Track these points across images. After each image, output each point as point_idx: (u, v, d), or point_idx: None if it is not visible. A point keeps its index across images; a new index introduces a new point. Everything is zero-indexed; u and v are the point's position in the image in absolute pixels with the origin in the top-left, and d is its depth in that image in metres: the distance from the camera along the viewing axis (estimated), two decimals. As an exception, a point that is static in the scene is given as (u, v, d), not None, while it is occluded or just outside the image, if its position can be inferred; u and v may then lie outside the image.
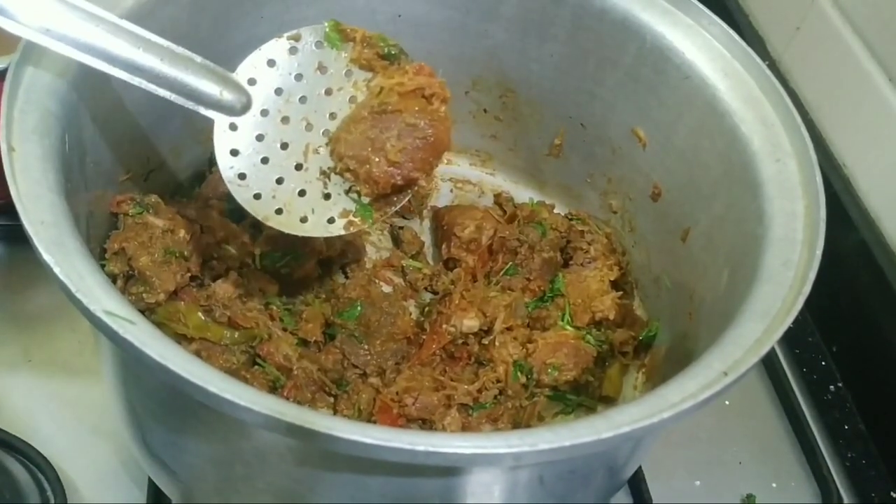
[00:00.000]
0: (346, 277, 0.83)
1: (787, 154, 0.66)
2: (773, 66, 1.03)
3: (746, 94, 0.70)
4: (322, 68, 0.66)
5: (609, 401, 0.78)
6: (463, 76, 0.88)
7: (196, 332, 0.70)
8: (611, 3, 0.76)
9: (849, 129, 0.93)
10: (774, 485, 0.83)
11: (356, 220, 0.68)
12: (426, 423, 0.72)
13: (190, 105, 0.61)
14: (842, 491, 0.82)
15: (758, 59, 0.71)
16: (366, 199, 0.68)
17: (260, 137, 0.65)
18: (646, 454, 0.74)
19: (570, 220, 0.90)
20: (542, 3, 0.79)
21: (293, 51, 0.65)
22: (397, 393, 0.73)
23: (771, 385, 0.89)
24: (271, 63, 0.65)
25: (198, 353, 0.69)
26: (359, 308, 0.78)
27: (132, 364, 0.58)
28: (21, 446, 0.73)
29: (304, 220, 0.66)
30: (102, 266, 0.67)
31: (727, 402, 0.87)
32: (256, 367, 0.71)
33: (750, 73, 0.71)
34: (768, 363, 0.90)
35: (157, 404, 0.61)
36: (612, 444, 0.48)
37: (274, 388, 0.71)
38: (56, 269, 0.49)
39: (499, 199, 0.93)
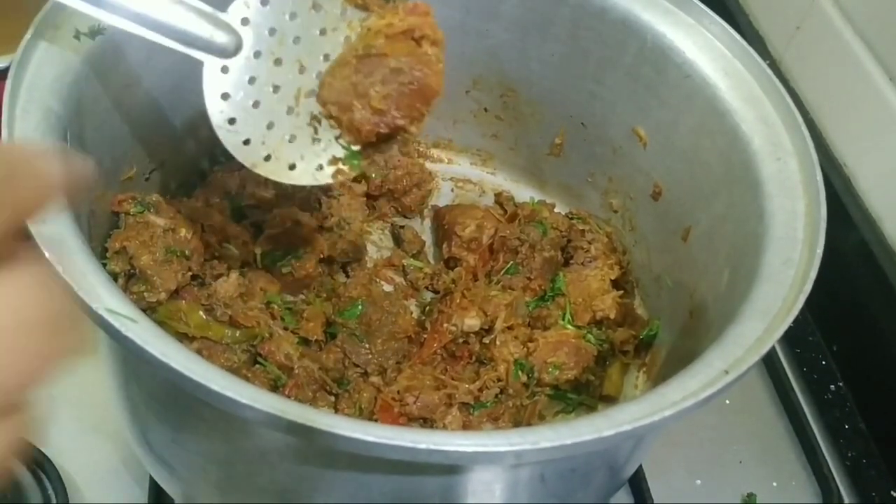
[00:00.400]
0: (347, 276, 0.83)
1: (788, 153, 0.67)
2: (774, 66, 1.03)
3: (747, 93, 0.70)
4: (316, 6, 0.63)
5: (610, 400, 0.78)
6: (464, 76, 0.88)
7: (197, 331, 0.70)
8: (611, 2, 0.76)
9: (849, 129, 0.93)
10: (775, 484, 0.83)
11: (344, 167, 0.65)
12: (427, 422, 0.73)
13: (180, 48, 0.59)
14: (842, 490, 0.82)
15: (758, 59, 0.71)
16: (355, 147, 0.65)
17: (252, 80, 0.62)
18: (646, 453, 0.74)
19: (571, 219, 0.90)
20: (542, 2, 0.79)
21: None
22: (398, 392, 0.73)
23: (771, 384, 0.90)
24: (264, 2, 0.61)
25: (199, 352, 0.69)
26: (360, 307, 0.78)
27: (134, 362, 0.58)
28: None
29: (292, 167, 0.64)
30: (104, 265, 0.68)
31: (728, 402, 0.87)
32: (258, 366, 0.71)
33: (750, 73, 0.71)
34: (769, 362, 0.90)
35: (159, 403, 0.61)
36: (613, 442, 0.48)
37: (275, 387, 0.71)
38: (58, 268, 0.49)
39: (500, 199, 0.93)
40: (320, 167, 0.65)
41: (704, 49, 0.73)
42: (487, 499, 0.58)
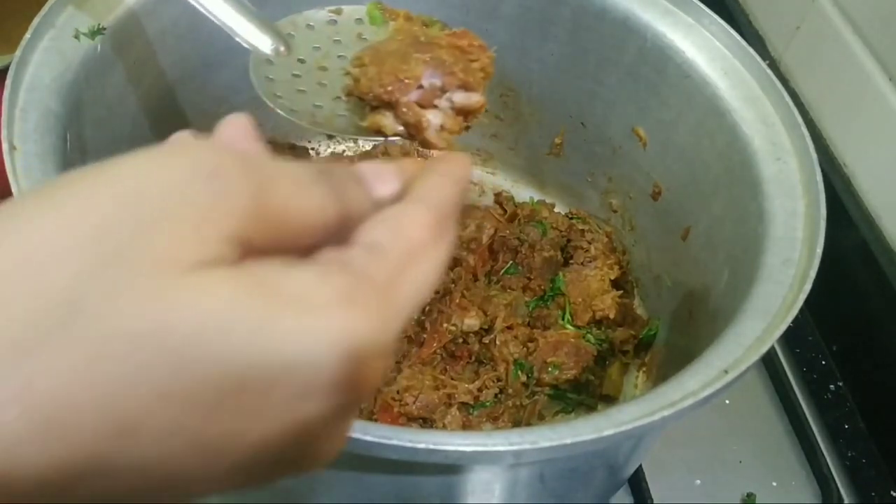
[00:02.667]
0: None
1: (788, 153, 0.67)
2: (774, 66, 1.03)
3: (747, 93, 0.70)
4: (362, 38, 0.64)
5: (609, 400, 0.78)
6: (463, 75, 0.88)
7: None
8: (611, 2, 0.76)
9: (849, 129, 0.93)
10: (775, 484, 0.83)
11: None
12: (427, 422, 0.73)
13: (231, 31, 0.60)
14: (842, 490, 0.82)
15: (758, 59, 0.71)
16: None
17: (296, 76, 0.63)
18: (646, 453, 0.74)
19: (571, 219, 0.90)
20: (542, 2, 0.79)
21: (332, 22, 0.64)
22: (398, 392, 0.73)
23: (771, 384, 0.89)
24: (310, 27, 0.63)
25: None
26: None
27: (133, 362, 0.58)
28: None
29: (346, 130, 0.62)
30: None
31: (727, 402, 0.87)
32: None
33: (750, 73, 0.71)
34: (768, 362, 0.90)
35: (158, 403, 0.61)
36: (612, 442, 0.48)
37: (275, 387, 0.71)
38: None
39: (499, 199, 0.93)
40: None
41: (704, 49, 0.73)
42: (487, 498, 0.58)
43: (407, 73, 0.57)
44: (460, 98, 0.59)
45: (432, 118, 0.59)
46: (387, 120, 0.59)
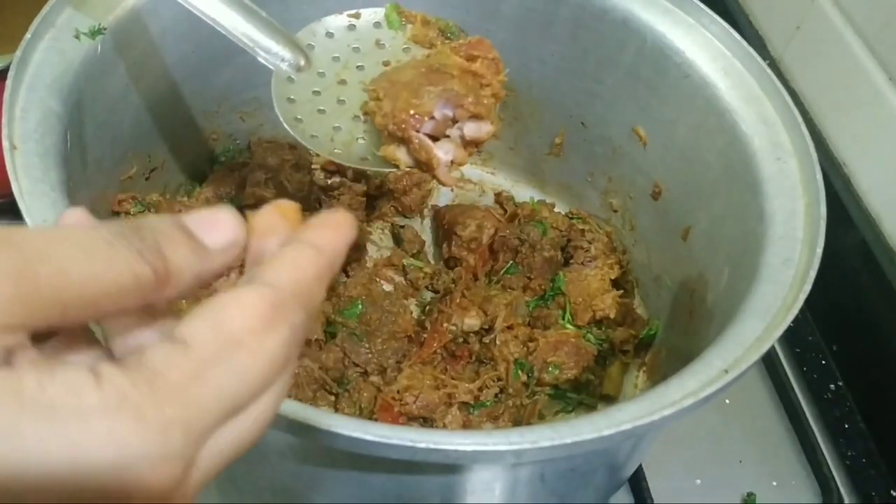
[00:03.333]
0: (347, 276, 0.83)
1: (788, 153, 0.67)
2: (774, 65, 1.03)
3: (747, 92, 0.70)
4: (380, 44, 0.66)
5: (610, 399, 0.78)
6: (463, 75, 0.88)
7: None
8: (611, 2, 0.76)
9: (849, 128, 0.93)
10: (775, 483, 0.83)
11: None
12: (427, 422, 0.73)
13: (255, 52, 0.61)
14: (842, 489, 0.82)
15: (758, 58, 0.71)
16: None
17: (317, 93, 0.64)
18: (646, 452, 0.74)
19: (571, 218, 0.90)
20: (542, 2, 0.79)
21: (351, 27, 0.66)
22: (398, 391, 0.73)
23: (771, 384, 0.89)
24: (329, 35, 0.65)
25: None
26: (359, 306, 0.78)
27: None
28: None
29: (364, 160, 0.64)
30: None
31: (727, 401, 0.87)
32: (257, 365, 0.71)
33: (750, 72, 0.71)
34: (769, 362, 0.90)
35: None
36: (612, 441, 0.49)
37: (275, 387, 0.71)
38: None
39: (499, 199, 0.93)
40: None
41: (704, 48, 0.73)
42: (487, 498, 0.58)
43: (419, 109, 0.59)
44: (471, 130, 0.61)
45: (442, 154, 0.60)
46: (401, 153, 0.61)
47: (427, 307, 0.83)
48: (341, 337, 0.76)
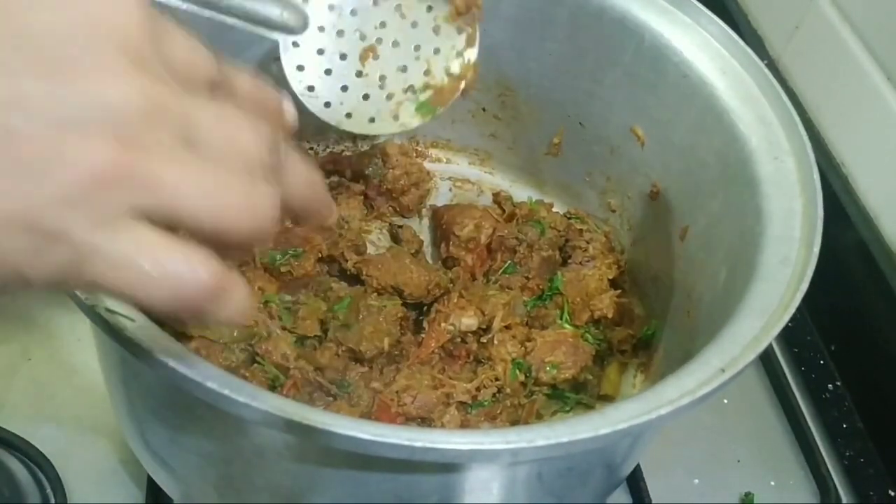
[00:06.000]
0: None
1: (785, 152, 0.67)
2: (772, 65, 1.03)
3: (745, 92, 0.70)
4: None
5: (608, 399, 0.78)
6: (462, 75, 0.88)
7: (195, 331, 0.70)
8: (609, 2, 0.76)
9: (847, 128, 0.93)
10: (773, 483, 0.83)
11: (418, 115, 0.76)
12: (425, 422, 0.73)
13: (258, 30, 0.66)
14: (840, 489, 0.82)
15: (756, 58, 0.71)
16: (423, 97, 0.75)
17: (320, 52, 0.70)
18: (644, 452, 0.74)
19: (569, 218, 0.90)
20: (541, 2, 0.80)
21: None
22: (396, 392, 0.73)
23: (769, 383, 0.90)
24: None
25: (197, 351, 0.69)
26: (348, 299, 0.77)
27: (132, 362, 0.58)
28: (21, 444, 0.73)
29: (371, 120, 0.74)
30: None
31: (726, 401, 0.87)
32: (256, 365, 0.71)
33: (748, 72, 0.71)
34: (767, 362, 0.90)
35: (157, 402, 0.61)
36: (610, 440, 0.49)
37: (273, 387, 0.71)
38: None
39: (497, 198, 0.93)
40: (396, 117, 0.75)
41: (702, 48, 0.73)
42: (485, 498, 0.58)
43: None
44: None
45: None
46: None
47: (425, 307, 0.83)
48: (333, 328, 0.75)
